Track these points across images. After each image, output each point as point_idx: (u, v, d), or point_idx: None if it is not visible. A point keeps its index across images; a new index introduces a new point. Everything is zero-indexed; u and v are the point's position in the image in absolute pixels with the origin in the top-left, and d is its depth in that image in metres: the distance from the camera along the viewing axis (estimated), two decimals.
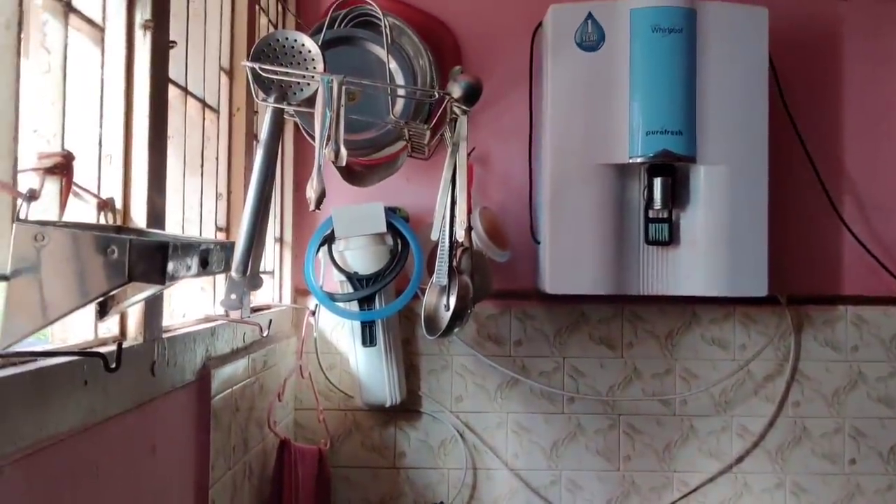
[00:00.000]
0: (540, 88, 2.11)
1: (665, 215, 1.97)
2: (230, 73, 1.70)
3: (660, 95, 1.92)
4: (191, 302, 1.55)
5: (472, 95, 1.70)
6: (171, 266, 0.86)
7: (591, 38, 1.96)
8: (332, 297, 2.05)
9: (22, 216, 0.87)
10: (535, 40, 2.17)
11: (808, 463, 2.24)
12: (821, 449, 2.24)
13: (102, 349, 0.99)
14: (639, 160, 1.93)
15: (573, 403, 2.23)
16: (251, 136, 1.76)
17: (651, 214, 1.98)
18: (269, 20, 1.98)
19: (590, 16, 1.96)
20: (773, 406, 2.23)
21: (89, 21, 1.07)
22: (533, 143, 2.19)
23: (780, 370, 2.24)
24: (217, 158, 1.63)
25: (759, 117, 1.98)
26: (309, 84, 1.47)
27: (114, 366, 0.92)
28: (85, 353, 0.94)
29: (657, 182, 1.96)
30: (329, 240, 2.06)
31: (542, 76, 2.09)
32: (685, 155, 1.93)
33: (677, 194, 1.98)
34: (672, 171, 1.96)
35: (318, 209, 1.45)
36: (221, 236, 1.68)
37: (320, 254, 2.07)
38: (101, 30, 1.10)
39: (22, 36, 0.89)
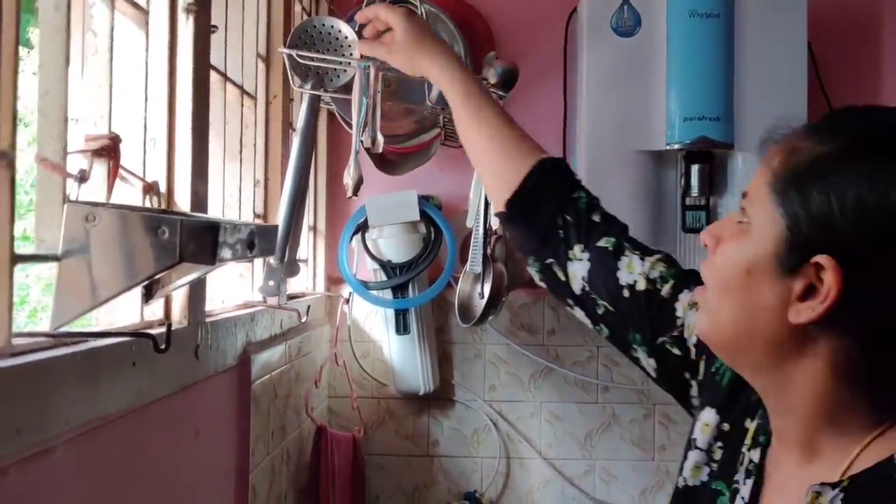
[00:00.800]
0: (574, 75, 2.10)
1: (702, 203, 1.95)
2: (267, 60, 1.70)
3: (697, 81, 1.90)
4: (229, 288, 1.55)
5: (508, 81, 1.68)
6: (219, 248, 0.86)
7: (628, 24, 1.94)
8: (365, 286, 2.05)
9: (72, 198, 0.87)
10: (570, 26, 2.15)
11: None
12: None
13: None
14: (676, 147, 1.90)
15: (607, 392, 2.21)
16: (287, 124, 1.76)
17: (688, 202, 1.95)
18: (303, 7, 1.97)
19: (626, 1, 1.94)
20: None
21: (134, 4, 1.07)
22: (567, 130, 2.17)
23: None
24: (255, 145, 1.63)
25: (797, 103, 1.94)
26: (346, 70, 1.47)
27: (163, 347, 0.92)
28: (135, 334, 0.94)
29: (694, 169, 1.93)
30: (362, 228, 2.06)
31: (576, 62, 2.07)
32: (723, 142, 1.89)
33: (715, 181, 1.95)
34: (710, 157, 1.94)
35: (356, 196, 1.45)
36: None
37: (354, 242, 2.07)
38: (146, 12, 1.10)
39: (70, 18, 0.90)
